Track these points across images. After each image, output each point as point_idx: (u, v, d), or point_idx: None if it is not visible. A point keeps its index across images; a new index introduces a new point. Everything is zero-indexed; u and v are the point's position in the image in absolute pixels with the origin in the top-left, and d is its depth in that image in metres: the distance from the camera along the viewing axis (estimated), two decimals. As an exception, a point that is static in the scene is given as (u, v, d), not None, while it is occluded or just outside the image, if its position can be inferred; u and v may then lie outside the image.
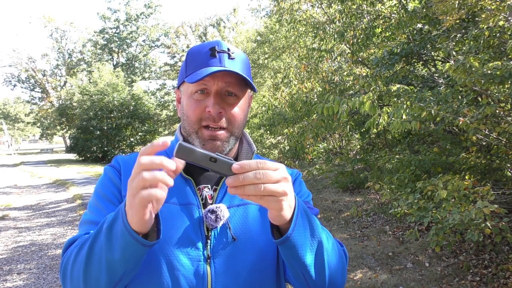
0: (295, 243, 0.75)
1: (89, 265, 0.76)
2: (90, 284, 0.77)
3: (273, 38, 12.63)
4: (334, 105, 3.94)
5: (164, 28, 34.18)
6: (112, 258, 0.72)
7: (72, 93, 25.36)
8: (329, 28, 6.63)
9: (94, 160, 22.83)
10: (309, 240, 0.77)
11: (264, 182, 0.65)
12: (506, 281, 3.52)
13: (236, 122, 0.94)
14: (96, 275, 0.75)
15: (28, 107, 41.83)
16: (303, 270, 0.79)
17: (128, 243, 0.70)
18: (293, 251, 0.76)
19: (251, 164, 0.65)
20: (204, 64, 0.91)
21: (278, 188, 0.67)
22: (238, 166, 0.65)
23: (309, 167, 9.18)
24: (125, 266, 0.74)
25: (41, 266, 4.80)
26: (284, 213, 0.71)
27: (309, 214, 0.80)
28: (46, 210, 8.37)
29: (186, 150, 0.66)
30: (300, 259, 0.77)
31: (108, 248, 0.72)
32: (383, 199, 5.84)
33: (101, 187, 0.96)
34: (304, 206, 0.79)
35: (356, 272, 4.18)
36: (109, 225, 0.73)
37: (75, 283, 0.79)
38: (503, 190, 3.74)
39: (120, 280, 0.77)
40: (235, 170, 0.65)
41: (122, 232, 0.70)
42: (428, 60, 5.74)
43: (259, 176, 0.65)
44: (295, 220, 0.74)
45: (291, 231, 0.74)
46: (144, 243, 0.71)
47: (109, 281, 0.76)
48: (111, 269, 0.74)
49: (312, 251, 0.78)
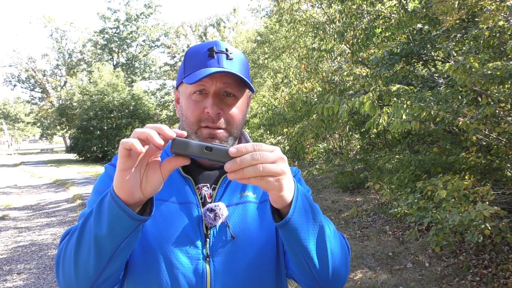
0: (296, 225, 0.75)
1: (79, 246, 0.74)
2: (80, 267, 0.75)
3: (273, 38, 12.62)
4: (334, 106, 3.94)
5: (164, 28, 34.19)
6: (100, 233, 0.71)
7: (72, 93, 25.36)
8: (329, 28, 6.63)
9: (94, 160, 22.83)
10: (310, 224, 0.77)
11: (262, 162, 0.67)
12: (506, 281, 3.52)
13: (234, 122, 0.95)
14: (85, 256, 0.74)
15: (28, 107, 41.86)
16: (306, 256, 0.79)
17: (114, 214, 0.70)
18: (295, 234, 0.76)
19: (247, 146, 0.67)
20: (202, 65, 0.91)
21: (276, 167, 0.68)
22: (235, 150, 0.66)
23: (309, 167, 9.18)
24: (113, 242, 0.72)
25: (41, 266, 4.80)
26: (285, 194, 0.72)
27: (310, 199, 0.80)
28: (46, 210, 8.37)
29: (181, 143, 0.68)
30: (302, 242, 0.77)
31: (97, 223, 0.72)
32: (383, 199, 5.84)
33: (101, 184, 0.97)
34: (304, 191, 0.79)
35: (356, 272, 4.18)
36: (99, 202, 0.73)
37: (67, 270, 0.78)
38: (503, 190, 3.74)
39: (109, 262, 0.75)
40: (232, 154, 0.66)
41: (109, 202, 0.70)
42: (428, 60, 5.75)
43: (256, 157, 0.66)
44: (295, 202, 0.74)
45: (291, 212, 0.74)
46: (130, 213, 0.70)
47: (97, 262, 0.74)
48: (99, 246, 0.72)
49: (314, 235, 0.78)
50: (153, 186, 0.71)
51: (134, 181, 0.70)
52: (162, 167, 0.72)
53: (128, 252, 0.78)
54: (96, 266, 0.74)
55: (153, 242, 0.88)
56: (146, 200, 0.74)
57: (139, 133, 0.67)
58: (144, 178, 0.71)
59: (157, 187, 0.72)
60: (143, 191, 0.71)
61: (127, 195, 0.70)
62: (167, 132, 0.67)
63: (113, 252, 0.74)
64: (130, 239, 0.74)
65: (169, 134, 0.67)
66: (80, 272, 0.75)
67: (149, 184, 0.71)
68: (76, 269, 0.75)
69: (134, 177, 0.70)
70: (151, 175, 0.71)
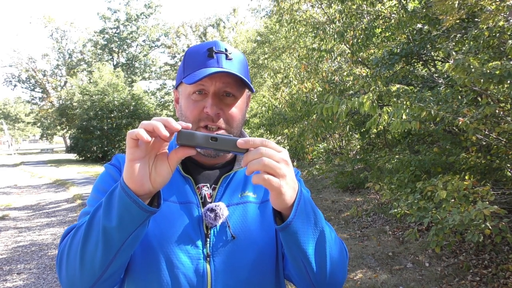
0: (297, 229, 0.76)
1: (87, 241, 0.74)
2: (86, 261, 0.75)
3: (273, 38, 12.62)
4: (334, 106, 3.94)
5: (164, 28, 34.19)
6: (109, 225, 0.72)
7: (73, 93, 25.37)
8: (329, 28, 6.63)
9: (94, 160, 22.83)
10: (311, 228, 0.78)
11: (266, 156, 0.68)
12: (506, 281, 3.52)
13: (234, 122, 0.95)
14: (92, 250, 0.74)
15: (29, 107, 41.85)
16: (304, 260, 0.79)
17: (124, 204, 0.70)
18: (295, 237, 0.76)
19: (255, 140, 0.69)
20: (202, 65, 0.91)
21: (278, 167, 0.69)
22: (243, 141, 0.68)
23: (309, 167, 9.18)
24: (121, 234, 0.73)
25: (41, 266, 4.80)
26: (285, 197, 0.72)
27: (313, 204, 0.81)
28: (46, 210, 8.37)
29: (187, 135, 0.69)
30: (302, 246, 0.77)
31: (106, 215, 0.72)
32: (383, 199, 5.84)
33: (101, 182, 0.97)
34: (307, 195, 0.80)
35: (356, 272, 4.18)
36: (108, 195, 0.74)
37: (71, 267, 0.77)
38: (503, 190, 3.73)
39: (116, 255, 0.75)
40: (240, 145, 0.68)
41: (120, 193, 0.71)
42: (428, 60, 5.74)
43: (262, 151, 0.68)
44: (296, 206, 0.74)
45: (292, 216, 0.74)
46: (140, 204, 0.71)
47: (104, 255, 0.74)
48: (107, 238, 0.72)
49: (313, 240, 0.78)
50: (162, 177, 0.73)
51: (144, 172, 0.71)
52: (169, 158, 0.73)
53: (133, 247, 0.79)
54: (103, 259, 0.74)
55: (154, 242, 0.89)
56: (155, 192, 0.75)
57: (145, 125, 0.68)
58: (153, 169, 0.72)
59: (166, 178, 0.73)
60: (152, 183, 0.72)
61: (137, 186, 0.71)
62: (173, 125, 0.68)
63: (121, 246, 0.74)
64: (137, 233, 0.75)
65: (175, 126, 0.68)
66: (85, 267, 0.75)
67: (158, 175, 0.72)
68: (82, 264, 0.75)
69: (143, 167, 0.71)
70: (160, 167, 0.72)
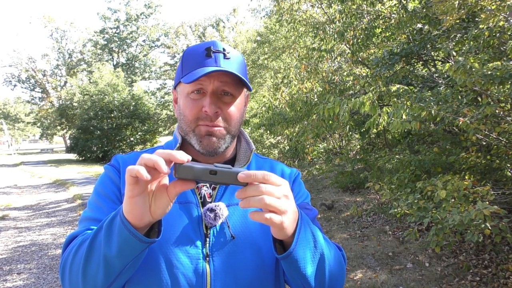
0: (297, 257, 0.77)
1: (88, 262, 0.76)
2: (88, 280, 0.77)
3: (273, 38, 12.62)
4: (335, 106, 3.94)
5: (164, 28, 34.22)
6: (109, 253, 0.73)
7: (73, 93, 25.37)
8: (329, 28, 6.63)
9: (94, 160, 22.83)
10: (311, 253, 0.79)
11: (267, 194, 0.67)
12: (506, 281, 3.52)
13: (232, 120, 0.95)
14: (94, 272, 0.76)
15: (28, 107, 41.88)
16: (304, 281, 0.81)
17: (124, 238, 0.71)
18: (295, 265, 0.78)
19: (257, 175, 0.67)
20: (200, 64, 0.91)
21: (280, 204, 0.69)
22: (244, 175, 0.67)
23: (309, 167, 9.17)
24: (122, 262, 0.75)
25: (41, 266, 4.80)
26: (286, 231, 0.73)
27: (312, 226, 0.81)
28: (46, 210, 8.37)
29: (185, 168, 0.67)
30: (302, 272, 0.79)
31: (106, 243, 0.73)
32: (383, 199, 5.85)
33: (101, 185, 0.97)
34: (307, 219, 0.80)
35: (356, 272, 4.18)
36: (108, 222, 0.74)
37: (74, 280, 0.80)
38: (503, 190, 3.73)
39: (117, 278, 0.78)
40: (241, 179, 0.66)
41: (119, 226, 0.71)
42: (428, 60, 5.74)
43: (262, 189, 0.67)
44: (297, 236, 0.75)
45: (293, 246, 0.75)
46: (140, 237, 0.71)
47: (106, 278, 0.76)
48: (108, 265, 0.74)
49: (313, 263, 0.79)
50: (162, 209, 0.72)
51: (144, 207, 0.71)
52: (168, 191, 0.71)
53: (135, 267, 0.80)
54: (104, 281, 0.77)
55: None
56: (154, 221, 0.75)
57: (146, 160, 0.66)
58: (152, 202, 0.72)
59: (165, 210, 0.73)
60: (152, 215, 0.72)
61: (137, 220, 0.71)
62: (177, 157, 0.66)
63: (122, 270, 0.76)
64: (139, 257, 0.77)
65: (180, 158, 0.66)
66: (88, 284, 0.78)
67: (158, 207, 0.72)
68: (84, 281, 0.78)
69: (143, 203, 0.70)
70: (159, 200, 0.71)
